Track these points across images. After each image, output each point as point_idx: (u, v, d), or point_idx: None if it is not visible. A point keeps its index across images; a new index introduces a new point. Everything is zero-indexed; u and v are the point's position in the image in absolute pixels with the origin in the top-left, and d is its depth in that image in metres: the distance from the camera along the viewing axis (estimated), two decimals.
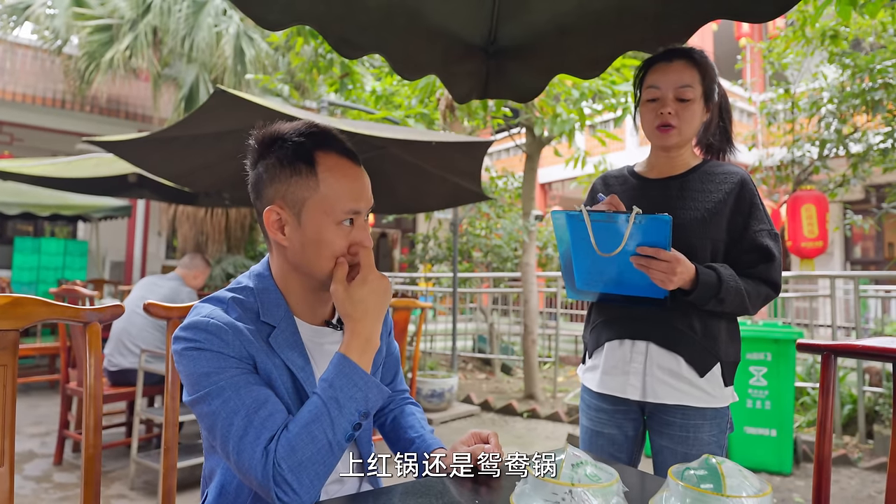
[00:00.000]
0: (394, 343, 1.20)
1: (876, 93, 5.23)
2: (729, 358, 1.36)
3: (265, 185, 0.95)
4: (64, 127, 8.92)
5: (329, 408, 0.84)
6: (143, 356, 2.96)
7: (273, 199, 0.94)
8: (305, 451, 0.81)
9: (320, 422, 0.83)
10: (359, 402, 0.86)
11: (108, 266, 9.74)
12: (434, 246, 8.36)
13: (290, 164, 0.93)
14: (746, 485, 0.73)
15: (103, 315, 1.13)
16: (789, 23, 5.51)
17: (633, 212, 1.17)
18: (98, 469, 1.07)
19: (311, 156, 0.93)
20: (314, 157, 0.93)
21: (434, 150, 3.55)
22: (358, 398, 0.86)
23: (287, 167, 0.93)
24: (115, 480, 3.08)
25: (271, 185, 0.94)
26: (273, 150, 0.95)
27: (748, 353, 3.51)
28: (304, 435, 0.82)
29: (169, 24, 7.93)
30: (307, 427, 0.82)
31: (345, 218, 0.94)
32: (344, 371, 0.87)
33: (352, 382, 0.87)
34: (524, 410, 4.89)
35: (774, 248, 1.33)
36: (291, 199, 0.93)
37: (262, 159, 0.96)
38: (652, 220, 1.16)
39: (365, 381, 0.88)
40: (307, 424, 0.83)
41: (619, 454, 1.44)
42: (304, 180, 0.92)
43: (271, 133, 0.96)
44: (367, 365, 0.90)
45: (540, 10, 1.71)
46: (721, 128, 1.46)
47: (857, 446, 3.81)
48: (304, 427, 0.83)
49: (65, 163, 5.47)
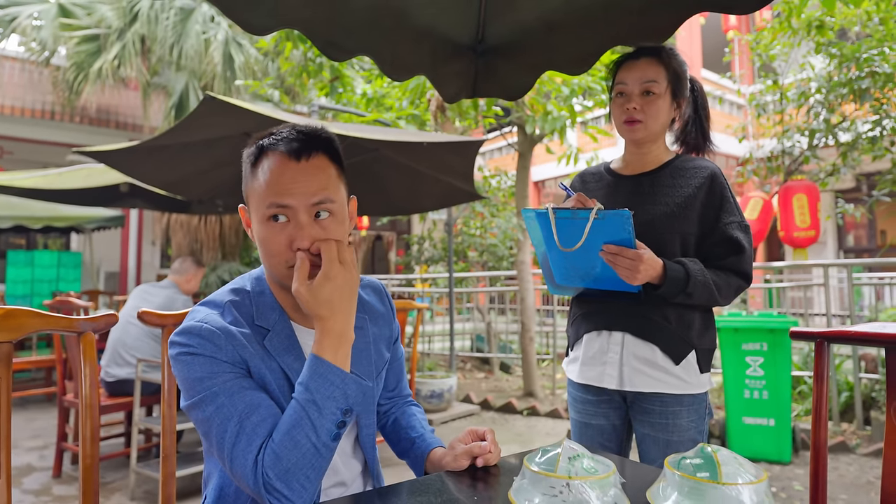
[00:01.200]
0: (400, 348, 1.20)
1: (863, 81, 5.26)
2: (703, 345, 1.40)
3: (244, 187, 0.98)
4: (54, 138, 8.88)
5: (308, 411, 0.83)
6: (139, 366, 2.95)
7: (245, 198, 0.98)
8: (290, 457, 0.81)
9: (301, 426, 0.82)
10: (338, 399, 0.85)
11: (103, 277, 9.70)
12: (429, 247, 8.36)
13: (250, 163, 0.95)
14: (742, 472, 0.74)
15: (97, 324, 1.13)
16: (776, 14, 5.54)
17: (595, 208, 1.21)
18: (96, 479, 1.07)
19: (260, 154, 0.94)
20: (262, 154, 0.94)
21: (426, 150, 3.55)
22: (337, 396, 0.85)
23: (246, 166, 0.96)
24: (115, 491, 3.07)
25: (244, 185, 0.98)
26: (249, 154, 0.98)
27: (744, 343, 3.52)
28: (286, 442, 0.82)
29: (157, 33, 7.91)
30: (289, 434, 0.82)
31: (269, 213, 0.90)
32: (318, 371, 0.85)
33: (328, 381, 0.85)
34: (524, 408, 4.89)
35: (744, 240, 1.37)
36: (247, 195, 0.96)
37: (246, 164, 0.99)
38: (613, 215, 1.20)
39: (341, 378, 0.86)
40: (288, 431, 0.83)
41: (608, 444, 1.48)
42: (251, 174, 0.94)
43: (255, 138, 0.98)
44: (344, 361, 0.88)
45: (527, 8, 1.72)
46: (697, 124, 1.50)
47: (855, 433, 3.83)
48: (285, 434, 0.82)
49: (56, 174, 5.44)
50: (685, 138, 1.52)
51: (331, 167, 0.94)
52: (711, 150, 1.53)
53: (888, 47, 5.16)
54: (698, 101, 1.51)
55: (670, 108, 1.44)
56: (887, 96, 5.39)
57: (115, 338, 3.30)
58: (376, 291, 1.16)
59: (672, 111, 1.45)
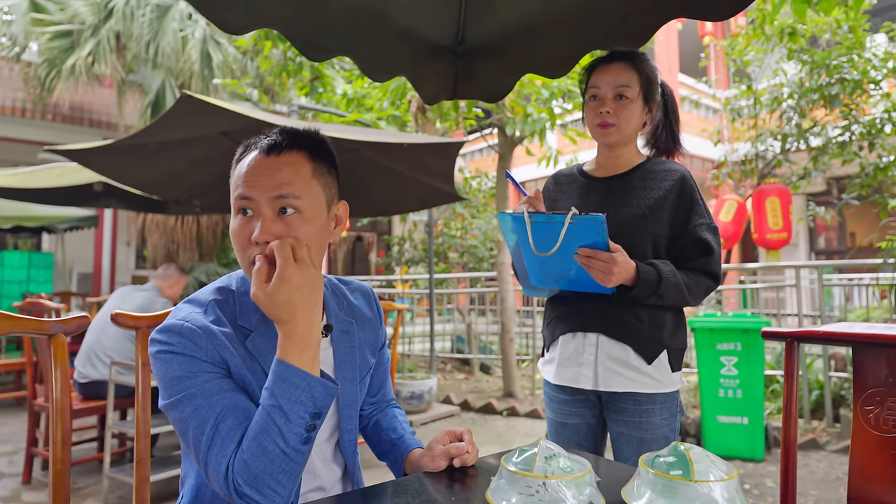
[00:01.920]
0: (386, 353, 1.20)
1: (833, 88, 5.41)
2: (675, 345, 1.44)
3: None
4: (25, 136, 8.66)
5: (274, 417, 0.81)
6: (113, 368, 2.89)
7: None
8: (258, 464, 0.80)
9: (268, 433, 0.81)
10: (305, 403, 0.83)
11: (76, 278, 9.48)
12: (410, 248, 8.36)
13: (234, 161, 0.97)
14: (714, 469, 0.76)
15: (68, 327, 1.10)
16: (750, 21, 5.66)
17: (570, 212, 1.23)
18: (67, 485, 1.04)
19: (245, 151, 0.96)
20: (246, 151, 0.95)
21: (407, 151, 3.55)
22: (303, 400, 0.83)
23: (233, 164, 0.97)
24: (87, 497, 3.00)
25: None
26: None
27: (719, 343, 3.59)
28: (254, 448, 0.81)
29: (133, 30, 7.76)
30: (256, 440, 0.81)
31: (237, 206, 0.91)
32: (282, 376, 0.83)
33: (293, 385, 0.83)
34: (504, 409, 4.91)
35: (713, 242, 1.41)
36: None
37: None
38: (588, 219, 1.22)
39: (307, 382, 0.83)
40: (255, 437, 0.81)
41: (584, 443, 1.51)
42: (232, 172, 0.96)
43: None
44: (311, 364, 0.85)
45: (506, 10, 1.73)
46: (668, 128, 1.54)
47: (825, 430, 3.93)
48: (252, 440, 0.81)
49: (27, 173, 5.31)
50: (656, 142, 1.56)
51: (305, 165, 0.93)
52: (681, 153, 1.57)
53: (857, 55, 5.31)
54: (668, 105, 1.54)
55: (642, 112, 1.47)
56: (856, 102, 5.54)
57: (92, 338, 3.23)
58: (365, 296, 1.15)
59: (644, 115, 1.48)
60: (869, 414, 1.15)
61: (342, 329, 1.04)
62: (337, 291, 1.09)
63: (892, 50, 5.49)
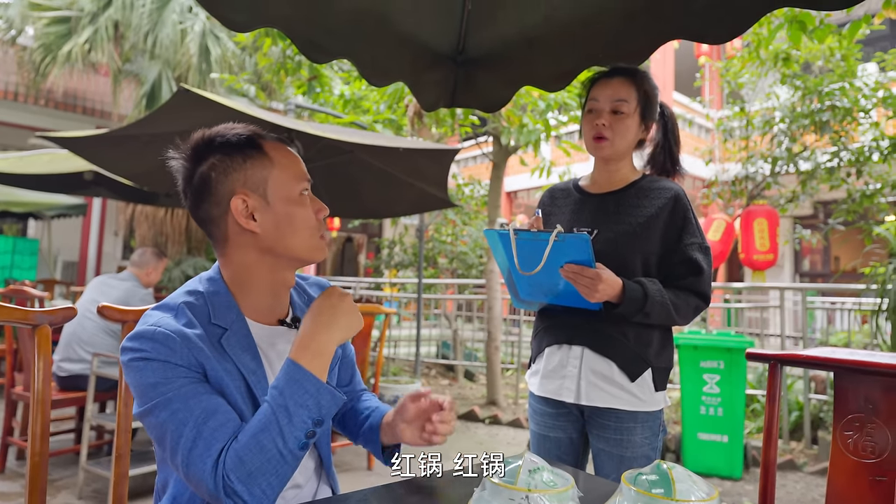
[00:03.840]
0: (349, 346, 1.21)
1: (823, 114, 5.50)
2: (660, 364, 1.43)
3: (217, 182, 0.95)
4: (16, 120, 8.56)
5: (278, 416, 0.81)
6: (94, 360, 2.86)
7: (234, 189, 0.95)
8: (254, 461, 0.80)
9: (269, 431, 0.81)
10: (311, 409, 0.83)
11: (60, 266, 9.36)
12: (400, 251, 8.35)
13: (239, 152, 0.96)
14: (695, 489, 0.76)
15: (54, 318, 1.09)
16: (746, 44, 5.74)
17: (555, 230, 1.25)
18: (44, 478, 1.03)
19: (255, 142, 0.98)
20: (258, 142, 0.98)
21: (401, 156, 3.56)
22: (310, 405, 0.83)
23: (237, 156, 0.96)
24: (61, 489, 2.96)
25: (226, 177, 0.95)
26: (213, 149, 0.96)
27: (702, 360, 3.62)
28: (252, 445, 0.80)
29: (132, 19, 7.71)
30: (255, 437, 0.81)
31: (302, 188, 0.98)
32: (294, 377, 0.84)
33: (302, 389, 0.83)
34: (486, 416, 4.91)
35: (703, 262, 1.41)
36: (252, 182, 0.95)
37: (203, 162, 0.96)
38: (573, 238, 1.24)
39: (316, 388, 0.84)
40: (255, 434, 0.81)
41: (565, 457, 1.50)
42: (258, 162, 0.96)
43: (204, 136, 0.97)
44: (321, 371, 0.86)
45: (508, 22, 1.74)
46: (667, 149, 1.54)
47: (803, 451, 3.97)
48: (252, 437, 0.81)
49: (16, 158, 5.25)
50: (654, 163, 1.56)
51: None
52: (680, 175, 1.57)
53: (848, 83, 5.41)
54: (668, 127, 1.54)
55: (638, 129, 1.48)
56: (845, 129, 5.64)
57: (70, 331, 3.18)
58: (322, 289, 1.17)
59: (640, 132, 1.49)
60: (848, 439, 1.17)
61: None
62: (298, 287, 1.12)
63: (883, 80, 5.60)
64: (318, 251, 1.00)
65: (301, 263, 1.01)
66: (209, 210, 0.96)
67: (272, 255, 0.97)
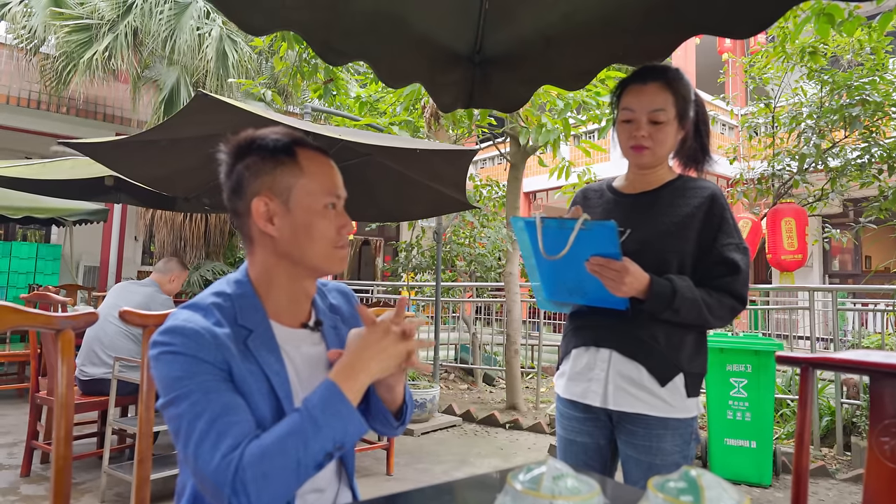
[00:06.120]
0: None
1: (853, 109, 5.35)
2: (693, 369, 1.38)
3: (248, 181, 0.99)
4: (39, 128, 8.74)
5: (307, 427, 0.83)
6: (116, 364, 2.88)
7: (259, 190, 0.98)
8: (274, 462, 0.80)
9: (295, 437, 0.82)
10: (336, 431, 0.85)
11: (82, 271, 9.54)
12: (417, 255, 8.33)
13: (272, 157, 0.99)
14: (725, 497, 0.73)
15: (77, 322, 1.12)
16: (770, 39, 5.63)
17: (581, 217, 1.22)
18: (68, 481, 1.05)
19: (291, 149, 1.00)
20: (294, 150, 1.00)
21: (418, 157, 3.53)
22: (336, 427, 0.85)
23: (270, 160, 0.99)
24: (85, 493, 2.98)
25: (256, 179, 0.99)
26: (252, 150, 1.00)
27: (729, 364, 3.52)
28: (277, 446, 0.82)
29: (150, 26, 7.82)
30: (282, 439, 0.82)
31: (329, 202, 1.00)
32: (330, 398, 0.87)
33: (334, 410, 0.86)
34: (506, 421, 4.86)
35: (741, 262, 1.36)
36: (278, 187, 0.98)
37: (242, 160, 1.00)
38: (599, 226, 1.22)
39: (349, 413, 0.87)
40: (282, 437, 0.82)
41: (592, 463, 1.46)
42: (288, 169, 0.99)
43: (248, 136, 1.01)
44: (355, 395, 0.89)
45: (526, 21, 1.71)
46: (698, 141, 1.48)
47: (836, 458, 3.85)
48: (278, 438, 0.82)
49: (40, 165, 5.33)
50: (685, 151, 1.48)
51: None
52: (710, 164, 1.50)
53: (879, 76, 5.25)
54: (699, 116, 1.47)
55: (676, 133, 1.42)
56: (876, 124, 5.48)
57: (92, 335, 3.21)
58: (343, 295, 1.20)
59: (678, 133, 1.43)
60: (885, 445, 1.12)
61: (331, 325, 1.09)
62: (319, 291, 1.14)
63: None
64: (334, 263, 1.01)
65: (317, 273, 1.03)
66: (238, 206, 1.01)
67: (289, 261, 0.99)
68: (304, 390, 0.97)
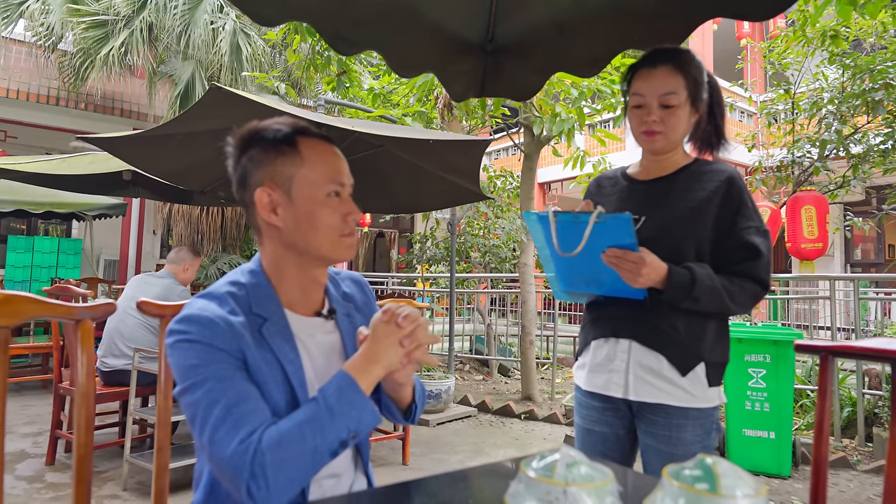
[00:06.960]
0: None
1: (876, 93, 5.21)
2: (714, 358, 1.35)
3: (251, 172, 1.00)
4: (58, 124, 8.88)
5: (323, 415, 0.85)
6: (136, 356, 2.93)
7: (262, 181, 0.99)
8: (291, 448, 0.82)
9: (312, 424, 0.84)
10: (350, 419, 0.87)
11: (102, 265, 9.70)
12: (431, 246, 8.33)
13: (273, 148, 0.99)
14: (742, 485, 0.72)
15: (95, 312, 1.14)
16: (790, 23, 5.49)
17: (596, 210, 1.20)
18: (90, 469, 1.07)
19: (292, 139, 1.00)
20: (295, 139, 1.00)
21: (432, 148, 3.52)
22: (351, 416, 0.87)
23: (271, 150, 0.99)
24: (107, 481, 3.05)
25: (258, 170, 0.99)
26: (255, 141, 1.01)
27: (747, 354, 3.48)
28: (295, 431, 0.83)
29: (165, 21, 7.88)
30: (300, 425, 0.84)
31: (331, 190, 0.99)
32: (345, 388, 0.89)
33: (348, 400, 0.88)
34: (522, 412, 4.86)
35: (762, 245, 1.32)
36: (280, 178, 0.98)
37: (246, 152, 1.01)
38: (614, 218, 1.20)
39: (363, 403, 0.89)
40: (300, 423, 0.84)
41: (610, 453, 1.44)
42: (289, 159, 0.99)
43: (251, 128, 1.02)
44: (368, 386, 0.91)
45: (538, 8, 1.68)
46: (713, 123, 1.44)
47: (857, 449, 3.79)
48: (296, 424, 0.84)
49: (59, 160, 5.42)
50: (698, 134, 1.45)
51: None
52: (726, 147, 1.46)
53: None
54: (714, 98, 1.43)
55: (690, 116, 1.38)
56: None
57: (112, 327, 3.27)
58: (357, 283, 1.20)
59: (691, 117, 1.39)
60: None
61: (344, 313, 1.10)
62: (332, 279, 1.14)
63: None
64: (341, 251, 1.01)
65: (325, 262, 1.03)
66: (244, 198, 1.02)
67: (295, 250, 1.00)
68: (319, 379, 0.98)
